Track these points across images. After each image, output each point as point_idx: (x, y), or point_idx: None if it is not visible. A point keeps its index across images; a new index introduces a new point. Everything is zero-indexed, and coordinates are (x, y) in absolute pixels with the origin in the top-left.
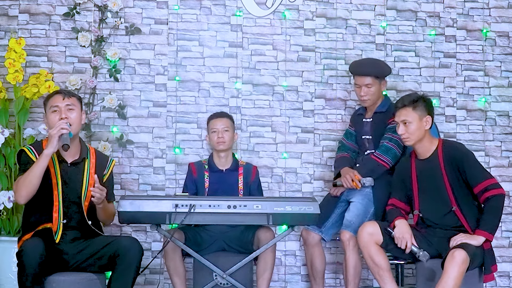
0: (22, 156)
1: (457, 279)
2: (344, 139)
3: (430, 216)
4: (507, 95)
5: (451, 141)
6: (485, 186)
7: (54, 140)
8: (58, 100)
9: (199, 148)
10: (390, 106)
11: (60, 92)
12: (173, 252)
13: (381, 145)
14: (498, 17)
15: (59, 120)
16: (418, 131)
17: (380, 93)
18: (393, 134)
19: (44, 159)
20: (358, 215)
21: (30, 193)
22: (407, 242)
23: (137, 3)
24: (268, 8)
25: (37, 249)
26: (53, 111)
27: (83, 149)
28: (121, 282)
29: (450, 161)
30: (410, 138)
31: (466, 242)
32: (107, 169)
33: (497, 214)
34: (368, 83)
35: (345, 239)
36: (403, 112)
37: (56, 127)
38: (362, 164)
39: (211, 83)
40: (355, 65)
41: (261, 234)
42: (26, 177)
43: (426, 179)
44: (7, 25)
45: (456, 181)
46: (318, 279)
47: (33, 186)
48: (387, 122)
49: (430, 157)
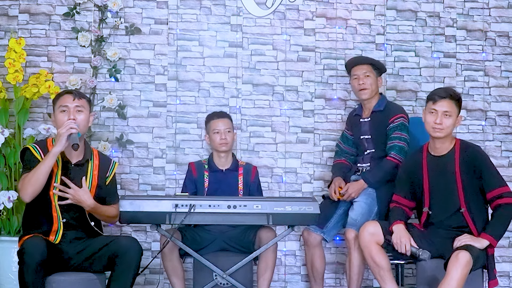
0: (27, 154)
1: (460, 280)
2: (341, 143)
3: (437, 214)
4: (507, 95)
5: (469, 142)
6: (499, 193)
7: (62, 139)
8: (68, 101)
9: (199, 148)
10: (388, 104)
11: (71, 93)
12: (171, 252)
13: (393, 145)
14: (498, 17)
15: (67, 120)
16: (452, 126)
17: (376, 87)
18: (401, 133)
19: (52, 157)
20: (363, 214)
21: (36, 191)
22: (406, 246)
23: (137, 3)
24: (268, 8)
25: (38, 248)
26: (62, 111)
27: (87, 150)
28: (120, 282)
29: (467, 162)
30: (444, 131)
31: (470, 244)
32: (110, 171)
33: (505, 222)
34: (366, 72)
35: (351, 238)
36: (447, 103)
37: (65, 126)
38: (379, 168)
39: (211, 83)
40: (351, 59)
41: (262, 234)
42: (32, 175)
43: (438, 176)
44: (7, 25)
45: (469, 183)
46: (318, 280)
47: (39, 184)
48: (389, 121)
49: (446, 155)
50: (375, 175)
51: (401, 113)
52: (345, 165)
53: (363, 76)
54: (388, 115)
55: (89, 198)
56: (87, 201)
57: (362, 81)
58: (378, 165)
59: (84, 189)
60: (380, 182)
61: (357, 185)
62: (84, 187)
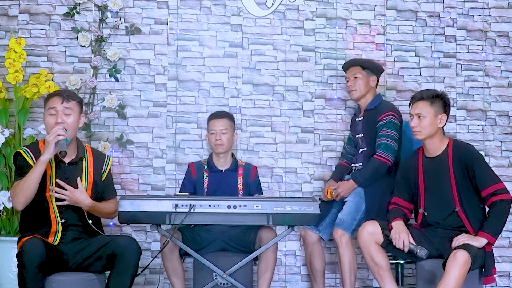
0: (18, 159)
1: (459, 280)
2: (346, 145)
3: (433, 215)
4: (507, 95)
5: (461, 141)
6: (493, 190)
7: (50, 147)
8: (57, 103)
9: (199, 148)
10: (380, 103)
11: (59, 94)
12: (171, 252)
13: (380, 143)
14: (498, 17)
15: (55, 124)
16: (430, 127)
17: (368, 87)
18: (388, 130)
19: (41, 165)
20: (350, 212)
21: (28, 199)
22: (404, 241)
23: (137, 3)
24: (268, 8)
25: (37, 249)
26: (50, 114)
27: (80, 148)
28: (119, 282)
29: (460, 161)
30: (421, 133)
31: (469, 243)
32: (105, 166)
33: (502, 218)
34: (354, 73)
35: (337, 236)
36: (419, 105)
37: (52, 133)
38: (366, 167)
39: (211, 83)
40: (347, 61)
41: (263, 234)
42: (23, 183)
43: (433, 177)
44: (7, 25)
45: (463, 182)
46: (318, 278)
47: (30, 192)
48: (377, 119)
49: (439, 156)
50: (362, 174)
51: (390, 111)
52: (344, 167)
53: (352, 78)
54: (378, 113)
55: (86, 198)
56: (85, 201)
57: (350, 83)
58: (366, 164)
59: (80, 189)
60: (369, 180)
61: (347, 185)
62: (80, 187)
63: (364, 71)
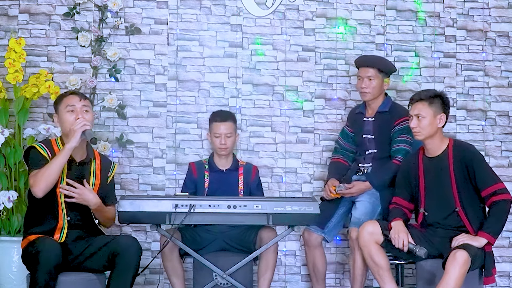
0: (32, 152)
1: (458, 279)
2: (341, 139)
3: (433, 215)
4: (507, 95)
5: (462, 141)
6: (493, 190)
7: (77, 135)
8: (75, 101)
9: (199, 148)
10: (393, 106)
11: (76, 93)
12: (171, 252)
13: (400, 148)
14: (498, 17)
15: (75, 120)
16: (429, 127)
17: (381, 90)
18: (406, 136)
19: (66, 152)
20: (367, 213)
21: (49, 186)
22: (403, 241)
23: (137, 3)
24: (268, 8)
25: (55, 250)
26: (69, 111)
27: (90, 150)
28: (120, 281)
29: (460, 161)
30: (421, 133)
31: (468, 243)
32: (111, 171)
33: (501, 218)
34: (370, 75)
35: (354, 237)
36: (418, 106)
37: (79, 122)
38: (385, 171)
39: (211, 83)
40: (361, 58)
41: (263, 234)
42: (45, 170)
43: (433, 177)
44: (7, 25)
45: (463, 182)
46: (320, 280)
47: (52, 180)
48: (394, 124)
49: (440, 156)
50: (380, 178)
51: (406, 116)
52: (341, 164)
53: (366, 79)
54: (393, 117)
55: (95, 197)
56: (93, 199)
57: (365, 84)
58: (384, 168)
59: (89, 188)
60: (385, 184)
61: (362, 186)
62: (87, 186)
63: (380, 74)
